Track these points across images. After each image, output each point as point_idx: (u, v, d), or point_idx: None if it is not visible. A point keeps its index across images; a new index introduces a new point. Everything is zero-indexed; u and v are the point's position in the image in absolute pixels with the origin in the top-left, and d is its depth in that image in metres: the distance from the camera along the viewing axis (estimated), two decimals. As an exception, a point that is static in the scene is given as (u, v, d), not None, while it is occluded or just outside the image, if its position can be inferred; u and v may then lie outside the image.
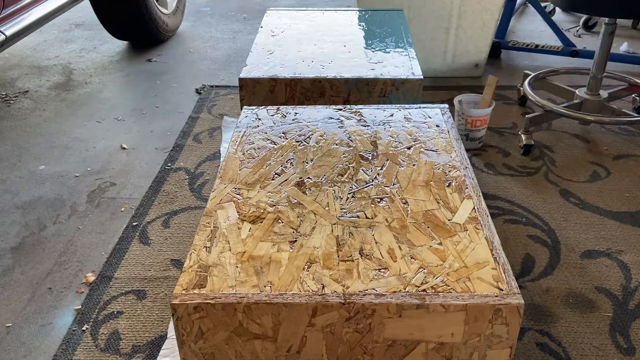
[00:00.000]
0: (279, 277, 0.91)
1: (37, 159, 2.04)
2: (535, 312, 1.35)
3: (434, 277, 0.90)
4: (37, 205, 1.78)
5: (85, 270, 1.51)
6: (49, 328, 1.34)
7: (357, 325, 0.88)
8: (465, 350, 0.90)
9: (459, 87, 2.46)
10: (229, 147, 1.28)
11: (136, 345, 1.28)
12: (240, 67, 2.81)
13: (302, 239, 0.99)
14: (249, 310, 0.87)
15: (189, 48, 3.06)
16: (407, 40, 1.85)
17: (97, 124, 2.29)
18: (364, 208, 1.06)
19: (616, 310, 1.35)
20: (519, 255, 1.53)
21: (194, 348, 0.91)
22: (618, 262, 1.50)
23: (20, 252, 1.58)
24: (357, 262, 0.93)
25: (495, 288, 0.88)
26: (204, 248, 0.97)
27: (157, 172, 1.92)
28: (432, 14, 2.45)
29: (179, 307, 0.87)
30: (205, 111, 2.34)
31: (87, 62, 2.89)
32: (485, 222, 1.03)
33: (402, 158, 1.22)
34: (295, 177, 1.16)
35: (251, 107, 1.45)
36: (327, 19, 2.06)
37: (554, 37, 2.83)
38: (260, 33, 1.93)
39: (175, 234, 1.63)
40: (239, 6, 3.73)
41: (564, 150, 2.02)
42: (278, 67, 1.65)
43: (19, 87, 2.62)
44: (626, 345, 1.26)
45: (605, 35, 1.99)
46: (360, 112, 1.41)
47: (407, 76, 1.58)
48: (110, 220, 1.71)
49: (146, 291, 1.43)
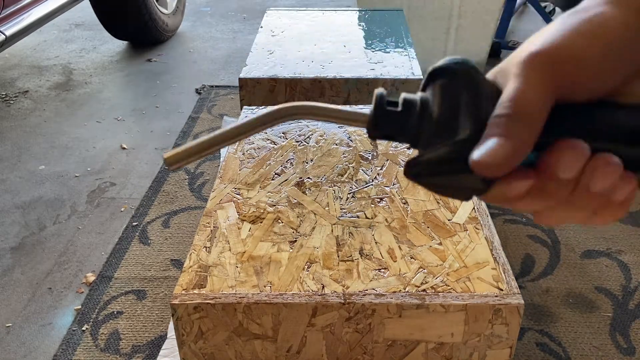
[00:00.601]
0: (279, 277, 0.91)
1: (37, 159, 2.04)
2: (535, 312, 1.35)
3: (434, 277, 0.90)
4: (37, 205, 1.78)
5: (85, 270, 1.51)
6: (49, 328, 1.34)
7: (357, 325, 0.88)
8: (465, 351, 0.90)
9: (459, 87, 2.46)
10: (228, 147, 1.28)
11: (136, 345, 1.28)
12: (240, 67, 2.80)
13: (302, 239, 0.99)
14: (249, 310, 0.87)
15: (189, 48, 3.06)
16: (407, 40, 1.85)
17: (97, 124, 2.28)
18: (364, 208, 1.06)
19: (616, 310, 1.35)
20: (519, 255, 1.53)
21: (193, 348, 0.91)
22: (618, 262, 1.50)
23: (20, 252, 1.58)
24: (357, 262, 0.93)
25: (495, 288, 0.88)
26: (203, 248, 0.97)
27: (157, 172, 1.92)
28: (432, 14, 2.44)
29: (179, 307, 0.87)
30: (205, 111, 2.34)
31: (87, 62, 2.89)
32: (485, 222, 1.03)
33: (402, 158, 1.22)
34: (295, 177, 1.16)
35: (251, 107, 1.45)
36: (327, 19, 2.06)
37: (554, 37, 2.82)
38: (260, 33, 1.93)
39: (175, 234, 1.63)
40: (239, 6, 3.73)
41: (564, 150, 2.02)
42: (278, 67, 1.65)
43: (19, 87, 2.62)
44: (626, 345, 1.26)
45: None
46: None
47: (407, 76, 1.58)
48: (110, 220, 1.71)
49: (146, 291, 1.43)
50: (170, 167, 0.37)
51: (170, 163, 0.36)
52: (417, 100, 0.37)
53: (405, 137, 0.37)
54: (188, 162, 0.37)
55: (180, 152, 0.36)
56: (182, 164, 0.37)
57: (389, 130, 0.37)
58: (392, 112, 0.36)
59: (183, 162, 0.36)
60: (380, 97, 0.37)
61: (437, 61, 0.37)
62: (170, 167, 0.37)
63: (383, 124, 0.37)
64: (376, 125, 0.37)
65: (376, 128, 0.37)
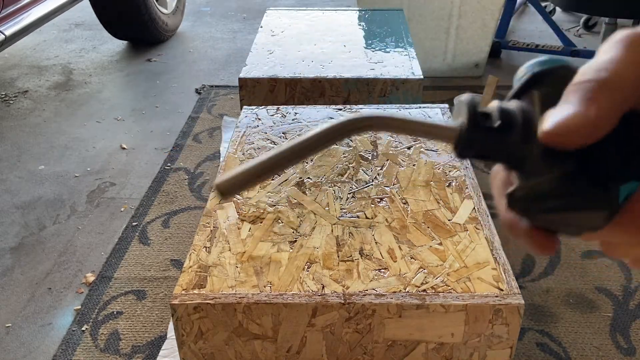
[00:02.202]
0: (278, 277, 0.90)
1: (37, 159, 2.04)
2: (536, 312, 1.35)
3: (434, 277, 0.90)
4: (37, 205, 1.78)
5: (84, 271, 1.51)
6: (49, 328, 1.34)
7: (357, 326, 0.88)
8: (466, 351, 0.90)
9: (459, 87, 2.46)
10: (228, 147, 1.28)
11: (136, 345, 1.28)
12: (240, 67, 2.80)
13: (302, 239, 0.98)
14: (249, 311, 0.87)
15: (189, 48, 3.06)
16: (407, 40, 1.85)
17: (97, 124, 2.28)
18: (364, 208, 1.06)
19: (616, 310, 1.35)
20: (519, 255, 1.52)
21: (193, 348, 0.91)
22: (618, 262, 1.50)
23: (20, 252, 1.58)
24: (357, 262, 0.93)
25: (496, 288, 0.88)
26: (203, 248, 0.97)
27: (157, 172, 1.92)
28: (432, 14, 2.44)
29: (179, 307, 0.87)
30: (205, 111, 2.33)
31: (86, 62, 2.89)
32: (485, 222, 1.03)
33: (402, 158, 1.22)
34: (295, 177, 1.16)
35: (251, 107, 1.45)
36: (327, 19, 2.06)
37: (554, 37, 2.83)
38: (260, 33, 1.93)
39: (175, 234, 1.62)
40: (238, 6, 3.73)
41: (564, 150, 2.02)
42: (278, 67, 1.64)
43: (19, 87, 2.62)
44: (626, 345, 1.26)
45: (605, 35, 1.99)
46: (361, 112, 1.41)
47: (407, 76, 1.58)
48: (110, 220, 1.71)
49: (146, 291, 1.42)
50: (224, 196, 0.30)
51: (224, 192, 0.30)
52: (518, 113, 0.30)
53: (504, 159, 0.31)
54: (243, 189, 0.30)
55: (233, 178, 0.30)
56: (236, 191, 0.30)
57: (485, 150, 0.30)
58: (487, 127, 0.30)
59: (237, 189, 0.30)
60: (472, 108, 0.30)
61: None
62: (223, 196, 0.30)
63: (477, 142, 0.30)
64: (469, 142, 0.30)
65: (469, 146, 0.30)
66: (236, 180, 0.30)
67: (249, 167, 0.30)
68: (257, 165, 0.30)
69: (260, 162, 0.30)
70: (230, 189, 0.30)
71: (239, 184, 0.30)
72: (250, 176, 0.30)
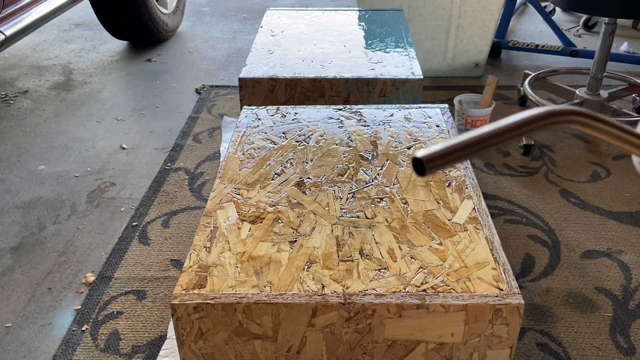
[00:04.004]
0: (278, 277, 0.90)
1: (37, 159, 2.04)
2: (536, 312, 1.35)
3: (434, 277, 0.90)
4: (37, 205, 1.78)
5: (85, 271, 1.51)
6: (49, 328, 1.34)
7: (357, 326, 0.88)
8: (466, 351, 0.90)
9: (459, 87, 2.46)
10: (228, 147, 1.28)
11: (136, 345, 1.28)
12: (240, 67, 2.81)
13: (302, 239, 0.98)
14: (249, 311, 0.87)
15: (189, 48, 3.06)
16: (407, 40, 1.85)
17: (97, 124, 2.28)
18: (364, 208, 1.06)
19: (616, 310, 1.35)
20: (519, 255, 1.52)
21: (193, 348, 0.91)
22: (618, 262, 1.50)
23: (20, 252, 1.58)
24: (357, 262, 0.93)
25: (496, 288, 0.88)
26: (203, 248, 0.97)
27: (157, 172, 1.92)
28: (432, 14, 2.44)
29: (179, 307, 0.87)
30: (205, 111, 2.34)
31: (86, 62, 2.89)
32: (485, 222, 1.03)
33: (402, 158, 1.22)
34: (295, 177, 1.16)
35: (251, 107, 1.45)
36: (327, 18, 2.06)
37: (554, 37, 2.83)
38: (260, 33, 1.93)
39: (175, 234, 1.62)
40: (238, 6, 3.73)
41: (564, 150, 2.02)
42: (278, 67, 1.64)
43: (19, 87, 2.62)
44: (626, 345, 1.26)
45: (605, 35, 1.99)
46: (360, 112, 1.41)
47: (407, 76, 1.58)
48: (110, 220, 1.71)
49: (146, 291, 1.42)
50: (428, 171, 0.28)
51: (430, 163, 0.29)
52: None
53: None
54: (448, 164, 0.29)
55: (439, 151, 0.29)
56: (440, 166, 0.29)
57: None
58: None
59: (441, 162, 0.29)
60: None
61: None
62: (428, 171, 0.28)
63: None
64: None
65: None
66: (442, 153, 0.30)
67: (454, 142, 0.30)
68: (461, 142, 0.30)
69: (463, 140, 0.30)
70: (434, 162, 0.30)
71: (444, 157, 0.29)
72: (455, 151, 0.29)
